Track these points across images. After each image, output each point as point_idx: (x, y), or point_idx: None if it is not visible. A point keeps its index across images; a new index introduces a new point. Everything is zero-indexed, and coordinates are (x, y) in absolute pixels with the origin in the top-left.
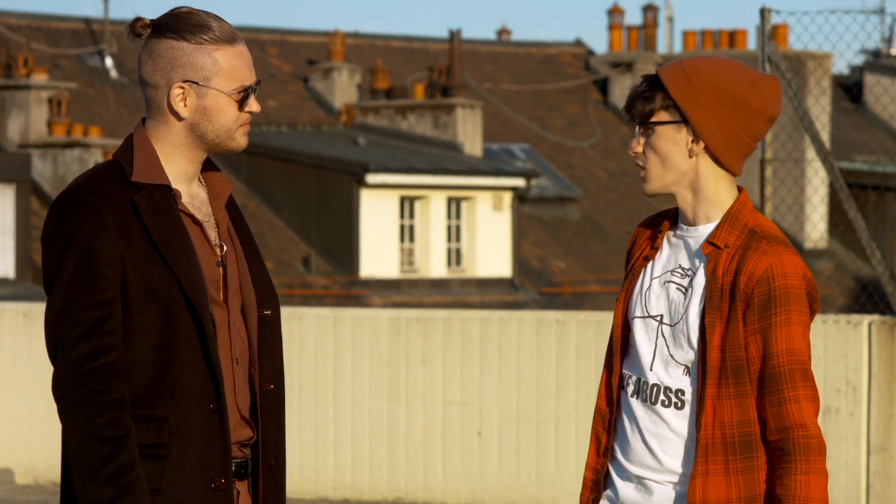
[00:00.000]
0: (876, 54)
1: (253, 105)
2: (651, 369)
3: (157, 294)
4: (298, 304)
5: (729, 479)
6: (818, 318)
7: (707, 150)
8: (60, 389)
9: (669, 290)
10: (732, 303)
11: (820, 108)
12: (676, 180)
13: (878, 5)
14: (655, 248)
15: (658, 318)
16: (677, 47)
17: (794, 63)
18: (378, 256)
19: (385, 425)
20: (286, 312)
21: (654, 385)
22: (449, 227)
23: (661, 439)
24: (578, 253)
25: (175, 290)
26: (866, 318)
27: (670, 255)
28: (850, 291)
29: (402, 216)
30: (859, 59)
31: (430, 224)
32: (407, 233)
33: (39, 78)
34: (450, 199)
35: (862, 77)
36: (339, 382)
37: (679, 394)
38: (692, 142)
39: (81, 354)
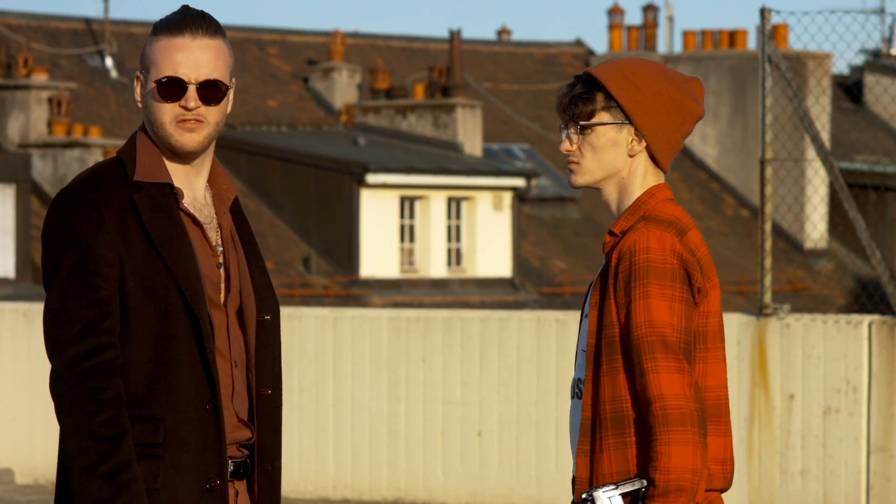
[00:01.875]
0: (876, 54)
1: (189, 101)
2: (575, 366)
3: (155, 294)
4: (298, 304)
5: (603, 456)
6: (818, 317)
7: (648, 149)
8: (58, 387)
9: (591, 284)
10: (605, 283)
11: (820, 108)
12: (607, 177)
13: (878, 5)
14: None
15: (583, 315)
16: (677, 47)
17: (794, 63)
18: (378, 256)
19: (385, 425)
20: (286, 312)
21: (575, 380)
22: (449, 227)
23: (573, 429)
24: (578, 253)
25: (173, 290)
26: (866, 318)
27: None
28: (850, 291)
29: (402, 216)
30: (859, 59)
31: (430, 224)
32: (407, 233)
33: (39, 78)
34: (450, 199)
35: (862, 77)
36: (339, 382)
37: (579, 383)
38: (633, 142)
39: (79, 352)
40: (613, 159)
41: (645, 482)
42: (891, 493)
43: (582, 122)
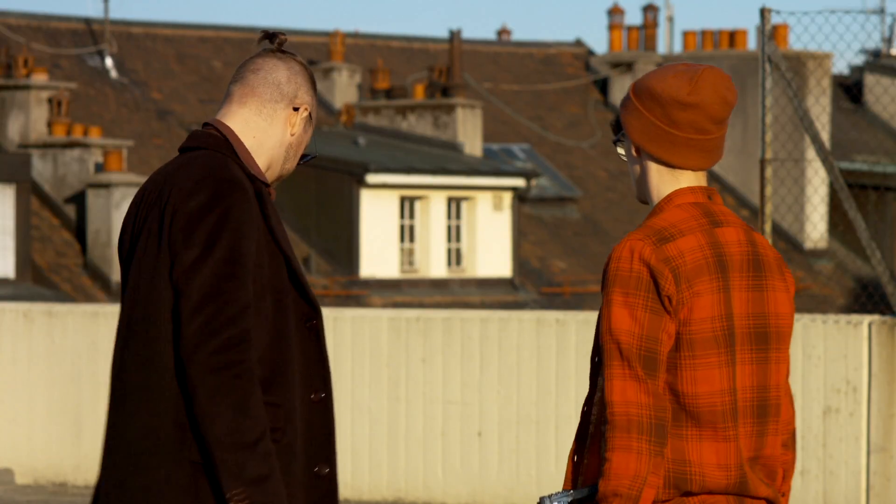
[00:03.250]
0: (876, 54)
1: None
2: None
3: (273, 282)
4: None
5: (588, 461)
6: (818, 317)
7: (637, 147)
8: (213, 363)
9: None
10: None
11: (820, 108)
12: (639, 190)
13: (878, 5)
14: None
15: None
16: (677, 47)
17: (794, 63)
18: (378, 256)
19: (385, 425)
20: None
21: None
22: (449, 227)
23: None
24: (578, 253)
25: (286, 279)
26: (866, 318)
27: None
28: (850, 291)
29: (402, 216)
30: (859, 59)
31: (430, 224)
32: (407, 233)
33: (39, 78)
34: (450, 199)
35: (862, 77)
36: (339, 382)
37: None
38: (631, 145)
39: (236, 334)
40: (633, 171)
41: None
42: (891, 493)
43: (615, 143)
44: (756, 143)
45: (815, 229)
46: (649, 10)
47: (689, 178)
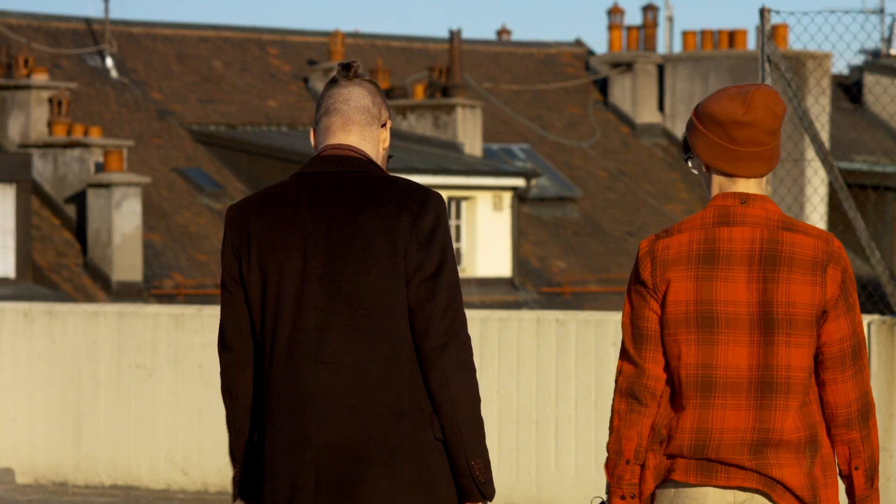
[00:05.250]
0: (875, 54)
1: None
2: None
3: None
4: None
5: None
6: None
7: (705, 165)
8: (465, 353)
9: None
10: None
11: (819, 108)
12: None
13: (878, 5)
14: None
15: None
16: (677, 47)
17: (793, 63)
18: None
19: None
20: None
21: None
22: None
23: None
24: (578, 253)
25: None
26: (866, 318)
27: None
28: None
29: None
30: (859, 59)
31: None
32: None
33: (40, 78)
34: (450, 199)
35: (861, 77)
36: None
37: None
38: (700, 163)
39: (468, 329)
40: (704, 181)
41: None
42: (891, 493)
43: (685, 160)
44: None
45: None
46: (649, 10)
47: (746, 185)
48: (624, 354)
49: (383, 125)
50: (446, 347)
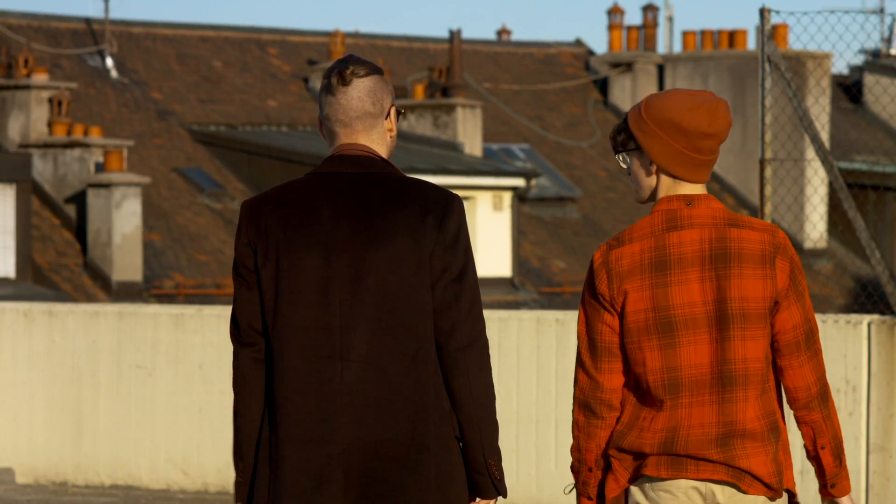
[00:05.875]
0: (875, 54)
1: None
2: None
3: None
4: None
5: None
6: (818, 317)
7: (660, 169)
8: (487, 354)
9: None
10: None
11: (819, 108)
12: (649, 194)
13: (878, 5)
14: None
15: None
16: (677, 47)
17: (793, 63)
18: None
19: None
20: None
21: None
22: None
23: None
24: (578, 253)
25: None
26: (866, 318)
27: None
28: (849, 291)
29: None
30: (859, 59)
31: None
32: None
33: (40, 78)
34: None
35: (861, 77)
36: None
37: None
38: (650, 163)
39: (485, 330)
40: (644, 180)
41: None
42: (890, 493)
43: (616, 150)
44: (755, 143)
45: (815, 229)
46: (649, 10)
47: (692, 187)
48: (580, 365)
49: (387, 116)
50: (470, 348)
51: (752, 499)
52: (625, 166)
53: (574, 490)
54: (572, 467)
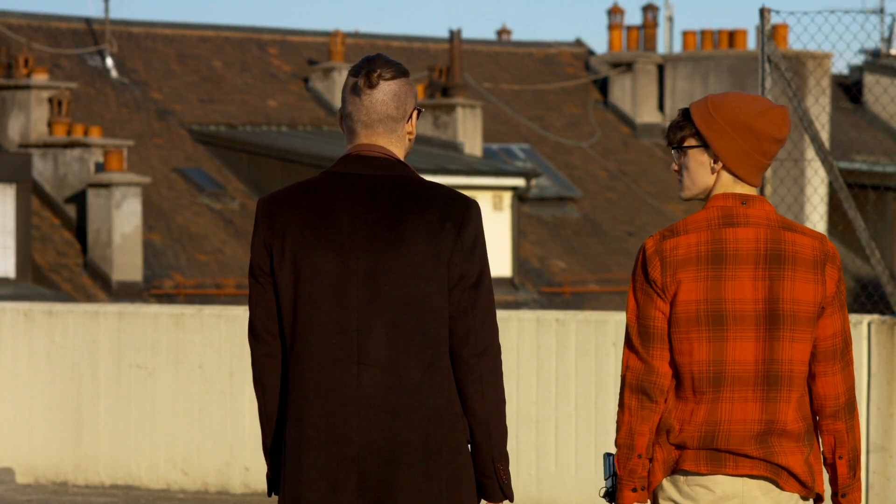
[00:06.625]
0: (875, 54)
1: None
2: None
3: None
4: None
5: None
6: None
7: (725, 168)
8: (499, 360)
9: None
10: None
11: (819, 108)
12: (701, 192)
13: (878, 5)
14: None
15: None
16: (677, 47)
17: (793, 63)
18: None
19: None
20: None
21: None
22: None
23: None
24: (578, 253)
25: None
26: (866, 318)
27: None
28: (849, 291)
29: None
30: (859, 59)
31: None
32: None
33: (40, 78)
34: None
35: (861, 77)
36: None
37: None
38: (713, 162)
39: (498, 336)
40: (701, 177)
41: None
42: (890, 493)
43: (673, 146)
44: None
45: (815, 229)
46: (649, 9)
47: (748, 187)
48: (632, 350)
49: (409, 119)
50: (484, 354)
51: (787, 496)
52: (678, 162)
53: (610, 487)
54: (618, 458)
